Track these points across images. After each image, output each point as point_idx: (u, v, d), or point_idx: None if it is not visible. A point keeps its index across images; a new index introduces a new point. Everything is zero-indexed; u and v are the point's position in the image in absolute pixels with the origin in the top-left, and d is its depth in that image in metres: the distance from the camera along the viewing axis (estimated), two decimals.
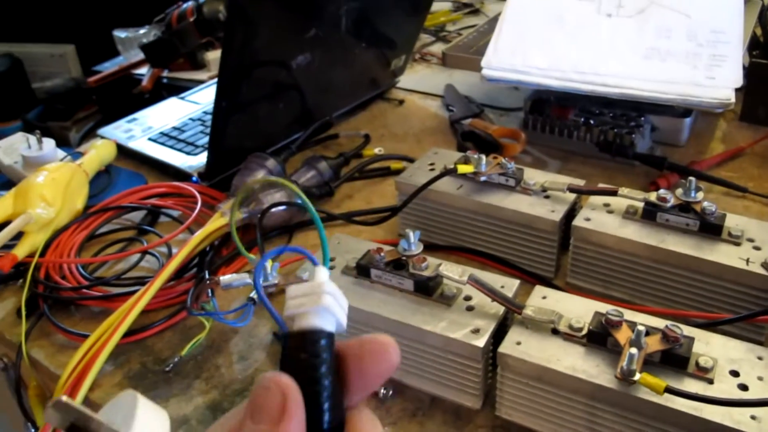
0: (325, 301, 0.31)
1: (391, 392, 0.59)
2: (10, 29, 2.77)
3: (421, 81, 1.17)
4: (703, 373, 0.49)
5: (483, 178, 0.71)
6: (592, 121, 0.91)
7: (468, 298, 0.57)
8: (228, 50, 0.78)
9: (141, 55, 1.39)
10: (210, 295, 0.67)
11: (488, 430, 0.56)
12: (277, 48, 0.84)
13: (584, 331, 0.52)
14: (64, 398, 0.29)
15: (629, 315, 0.53)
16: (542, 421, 0.54)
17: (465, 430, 0.56)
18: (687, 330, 0.51)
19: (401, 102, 1.11)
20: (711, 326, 0.58)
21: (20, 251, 0.78)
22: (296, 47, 0.85)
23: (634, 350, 0.47)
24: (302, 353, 0.30)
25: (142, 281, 0.74)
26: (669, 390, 0.46)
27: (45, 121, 1.78)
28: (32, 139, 0.95)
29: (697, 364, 0.49)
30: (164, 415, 0.40)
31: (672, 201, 0.64)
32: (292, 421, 0.28)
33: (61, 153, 0.96)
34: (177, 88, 1.23)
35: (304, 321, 0.30)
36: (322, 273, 0.33)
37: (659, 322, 0.52)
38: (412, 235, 0.59)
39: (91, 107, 2.74)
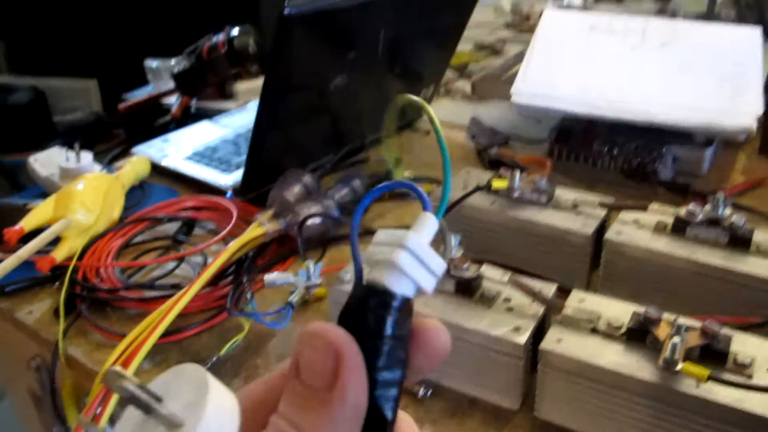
0: (398, 259, 0.26)
1: (430, 392, 0.60)
2: (37, 63, 2.83)
3: (446, 113, 1.20)
4: (742, 369, 0.50)
5: (516, 194, 0.73)
6: (616, 151, 0.93)
7: (507, 300, 0.59)
8: (271, 71, 0.81)
9: (171, 85, 1.43)
10: (249, 297, 0.68)
11: (527, 430, 0.57)
12: (317, 69, 0.87)
13: (623, 329, 0.54)
14: (118, 368, 0.24)
15: (666, 315, 0.54)
16: (581, 420, 0.55)
17: (504, 429, 0.57)
18: (725, 329, 0.53)
19: (428, 132, 1.14)
20: (744, 330, 0.59)
21: (59, 254, 0.79)
22: (335, 68, 0.88)
23: (677, 339, 0.49)
24: (361, 312, 0.27)
25: (178, 287, 0.75)
26: (712, 378, 0.47)
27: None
28: (70, 152, 0.98)
29: (735, 360, 0.50)
30: (235, 403, 0.27)
31: (701, 216, 0.66)
32: (350, 386, 0.24)
33: (97, 166, 0.98)
34: (205, 117, 1.26)
35: (375, 275, 0.27)
36: (421, 225, 0.28)
37: (697, 322, 0.53)
38: (453, 239, 0.61)
39: (111, 140, 2.78)
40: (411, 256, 0.27)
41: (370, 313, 0.26)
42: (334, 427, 0.24)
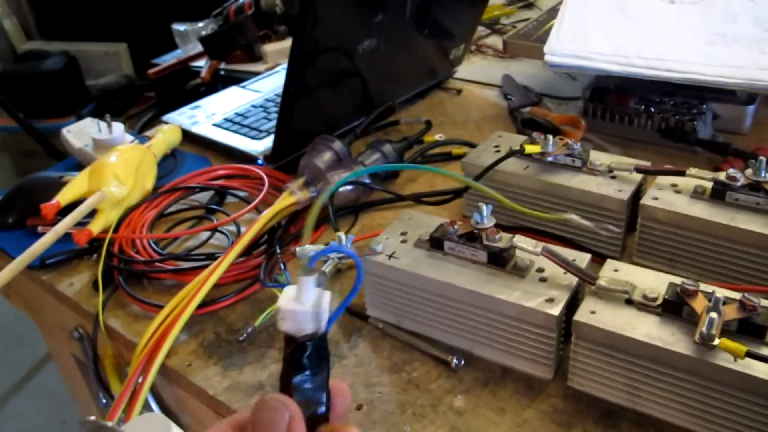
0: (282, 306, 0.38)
1: (462, 362, 0.60)
2: (67, 28, 2.85)
3: (478, 72, 1.18)
4: None
5: (549, 159, 0.72)
6: (653, 109, 0.91)
7: (540, 270, 0.58)
8: (299, 36, 0.80)
9: (199, 48, 1.43)
10: (283, 267, 0.69)
11: (560, 400, 0.57)
12: (345, 32, 0.86)
13: (659, 301, 0.53)
14: (92, 418, 0.32)
15: (704, 287, 0.53)
16: (615, 391, 0.55)
17: (537, 399, 0.57)
18: (764, 302, 0.51)
19: (459, 91, 1.12)
20: None
21: (95, 227, 0.80)
22: (363, 31, 0.87)
23: (714, 314, 0.48)
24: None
25: (212, 257, 0.76)
26: (750, 354, 0.46)
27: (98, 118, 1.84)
28: (102, 123, 0.99)
29: None
30: None
31: (742, 180, 0.64)
32: None
33: (129, 137, 0.99)
34: (234, 80, 1.25)
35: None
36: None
37: (735, 294, 0.52)
38: (485, 209, 0.60)
39: (143, 103, 2.80)
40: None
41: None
42: None
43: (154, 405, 0.73)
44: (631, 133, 0.92)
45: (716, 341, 0.47)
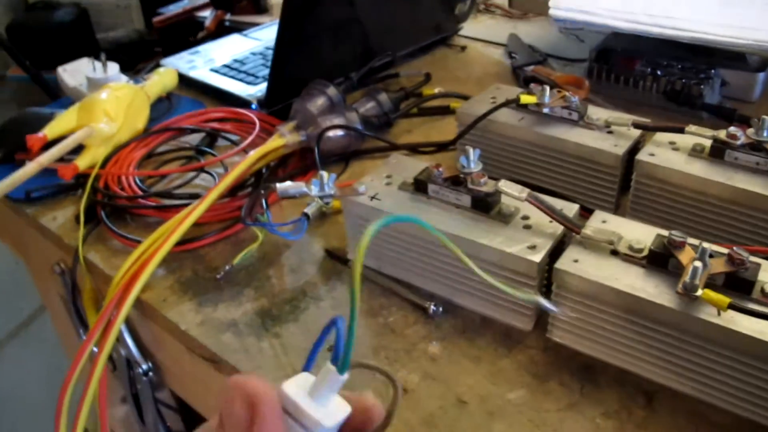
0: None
1: (440, 309, 0.59)
2: None
3: (484, 30, 1.15)
4: None
5: (546, 110, 0.70)
6: (659, 72, 0.88)
7: (526, 218, 0.56)
8: None
9: None
10: (265, 206, 0.67)
11: (539, 351, 0.55)
12: None
13: (645, 252, 0.51)
14: None
15: (691, 240, 0.51)
16: (595, 345, 0.53)
17: (515, 350, 0.56)
18: (754, 258, 0.49)
19: (463, 48, 1.09)
20: None
21: (81, 162, 0.79)
22: None
23: (698, 263, 0.46)
24: None
25: (196, 196, 0.74)
26: (733, 306, 0.44)
27: None
28: (97, 63, 0.97)
29: (762, 290, 0.47)
30: None
31: (742, 139, 0.62)
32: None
33: (124, 77, 0.97)
34: (239, 31, 1.23)
35: None
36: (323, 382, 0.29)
37: (724, 249, 0.50)
38: (472, 153, 0.58)
39: (153, 58, 2.77)
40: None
41: None
42: None
43: (129, 341, 0.72)
44: (635, 96, 0.90)
45: (699, 292, 0.45)
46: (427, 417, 0.50)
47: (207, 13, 1.39)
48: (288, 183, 0.60)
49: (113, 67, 0.97)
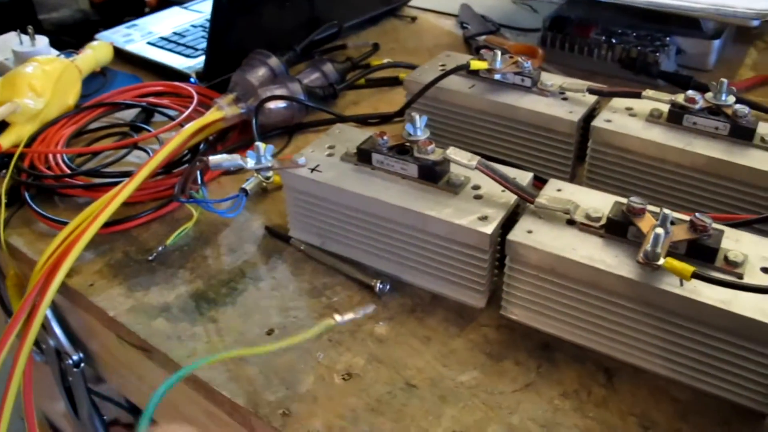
0: None
1: (388, 287, 0.55)
2: None
3: (435, 0, 1.11)
4: (732, 268, 0.44)
5: (497, 76, 0.66)
6: (614, 40, 0.85)
7: (477, 187, 0.53)
8: None
9: None
10: (200, 182, 0.62)
11: (492, 330, 0.52)
12: None
13: (603, 221, 0.48)
14: None
15: (651, 208, 0.48)
16: (552, 321, 0.50)
17: (467, 328, 0.52)
18: (716, 224, 0.47)
19: (414, 19, 1.05)
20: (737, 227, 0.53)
21: (5, 141, 0.74)
22: None
23: (660, 230, 0.43)
24: None
25: (128, 174, 0.69)
26: (697, 275, 0.41)
27: None
28: (24, 36, 0.91)
29: (726, 258, 0.45)
30: None
31: (701, 104, 0.59)
32: None
33: (54, 51, 0.91)
34: (180, 4, 1.17)
35: None
36: None
37: (685, 216, 0.47)
38: (418, 119, 0.54)
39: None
40: None
41: None
42: None
43: (57, 330, 0.67)
44: (590, 65, 0.87)
45: (661, 261, 0.42)
46: (374, 403, 0.47)
47: None
48: (222, 156, 0.55)
49: (42, 40, 0.92)
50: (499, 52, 0.66)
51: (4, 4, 2.65)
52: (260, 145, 0.55)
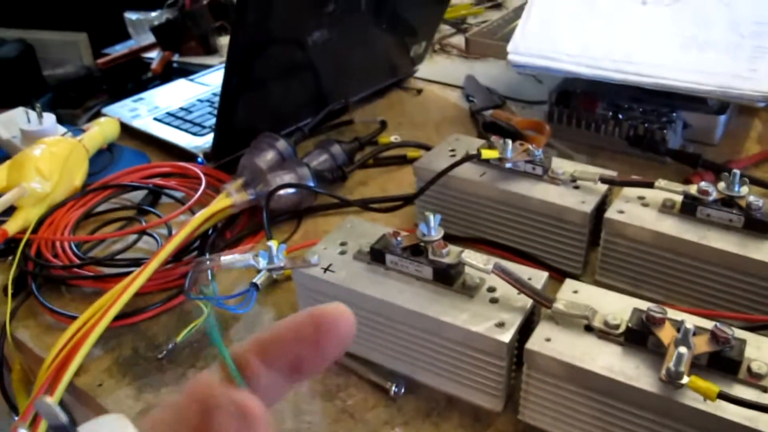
0: None
1: (403, 389, 0.54)
2: (23, 15, 2.74)
3: (440, 71, 1.12)
4: (757, 380, 0.43)
5: (508, 165, 0.66)
6: (621, 115, 0.86)
7: (492, 290, 0.52)
8: (240, 21, 0.73)
9: (152, 39, 1.36)
10: (210, 277, 0.62)
11: None
12: (292, 21, 0.79)
13: (622, 329, 0.47)
14: (47, 399, 0.24)
15: (671, 314, 0.48)
16: (570, 428, 0.49)
17: None
18: (738, 332, 0.46)
19: (420, 91, 1.06)
20: (755, 330, 0.53)
21: (11, 226, 0.73)
22: (313, 22, 0.80)
23: (683, 349, 0.42)
24: None
25: (138, 262, 0.69)
26: (722, 396, 0.40)
27: (55, 108, 1.76)
28: (32, 113, 0.91)
29: (749, 369, 0.44)
30: None
31: (714, 195, 0.59)
32: None
33: (61, 129, 0.91)
34: (187, 73, 1.18)
35: None
36: None
37: (705, 323, 0.47)
38: (433, 219, 0.54)
39: (102, 95, 2.71)
40: None
41: None
42: None
43: None
44: (597, 141, 0.87)
45: (685, 379, 0.42)
46: None
47: (154, 54, 1.34)
48: (234, 256, 0.54)
49: (49, 118, 0.92)
50: (509, 141, 0.66)
51: (10, 60, 2.68)
52: (272, 244, 0.54)
